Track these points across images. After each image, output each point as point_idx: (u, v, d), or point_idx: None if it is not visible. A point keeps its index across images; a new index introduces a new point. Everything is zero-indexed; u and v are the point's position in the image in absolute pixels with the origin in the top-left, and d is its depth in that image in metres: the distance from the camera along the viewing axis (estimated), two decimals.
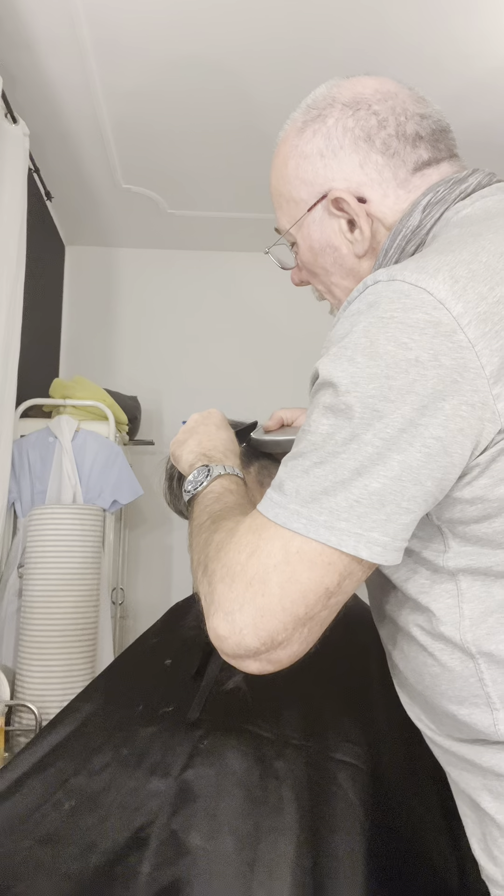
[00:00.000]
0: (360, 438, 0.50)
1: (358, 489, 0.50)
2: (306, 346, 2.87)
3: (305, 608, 0.51)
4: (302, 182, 0.70)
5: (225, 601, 0.53)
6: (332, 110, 0.68)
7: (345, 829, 0.75)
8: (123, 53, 1.87)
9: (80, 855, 0.74)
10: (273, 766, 0.80)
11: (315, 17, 1.73)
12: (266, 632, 0.51)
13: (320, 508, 0.50)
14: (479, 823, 0.59)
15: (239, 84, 1.98)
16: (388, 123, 0.66)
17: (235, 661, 0.54)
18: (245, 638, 0.52)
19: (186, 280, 3.05)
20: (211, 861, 0.71)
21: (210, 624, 0.54)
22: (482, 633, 0.55)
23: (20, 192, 1.87)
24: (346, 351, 0.51)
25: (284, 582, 0.51)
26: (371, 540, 0.50)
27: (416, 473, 0.49)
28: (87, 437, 2.19)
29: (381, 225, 0.67)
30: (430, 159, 0.67)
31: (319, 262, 0.73)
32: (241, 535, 0.55)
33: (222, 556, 0.56)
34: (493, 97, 2.03)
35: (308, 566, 0.51)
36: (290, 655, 0.54)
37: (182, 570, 2.83)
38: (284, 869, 0.70)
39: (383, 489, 0.49)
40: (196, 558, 0.62)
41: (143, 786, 0.80)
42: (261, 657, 0.53)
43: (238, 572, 0.53)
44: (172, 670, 0.99)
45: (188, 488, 0.74)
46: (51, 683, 1.77)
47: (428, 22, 1.75)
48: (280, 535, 0.52)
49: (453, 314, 0.48)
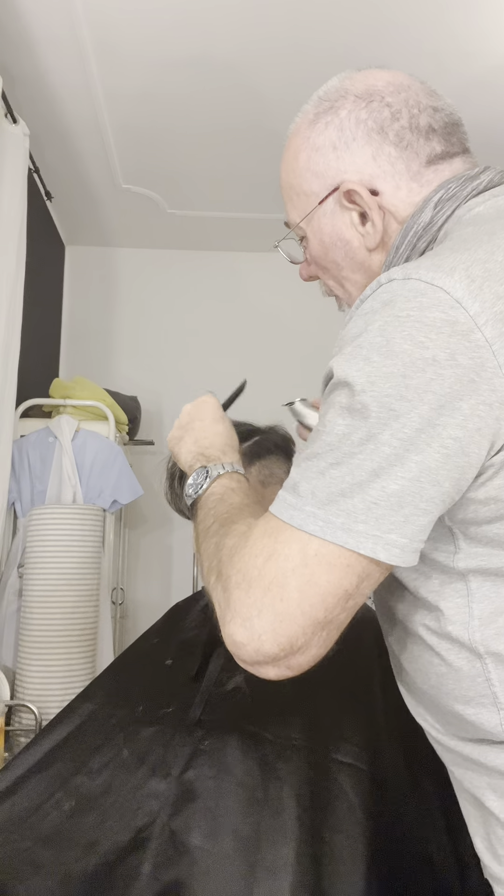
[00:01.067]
0: (376, 438, 0.49)
1: (376, 491, 0.49)
2: (307, 346, 2.87)
3: (325, 611, 0.51)
4: (313, 174, 0.69)
5: (242, 607, 0.52)
6: (345, 102, 0.67)
7: (345, 829, 0.75)
8: (123, 54, 1.87)
9: (81, 855, 0.74)
10: (274, 766, 0.80)
11: (314, 15, 1.73)
12: (285, 637, 0.51)
13: (337, 510, 0.50)
14: (482, 822, 0.59)
15: (239, 84, 1.98)
16: (402, 115, 0.65)
17: (253, 667, 0.53)
18: (264, 644, 0.51)
19: (186, 280, 3.05)
20: (211, 861, 0.71)
21: (226, 631, 0.53)
22: (491, 634, 0.55)
23: (20, 192, 1.87)
24: (362, 350, 0.51)
25: (303, 585, 0.50)
26: (389, 542, 0.50)
27: (434, 474, 0.49)
28: (87, 437, 2.19)
29: (393, 218, 0.66)
30: (443, 152, 0.66)
31: (330, 256, 0.72)
32: (255, 539, 0.54)
33: (237, 562, 0.54)
34: (493, 96, 2.03)
35: (326, 569, 0.50)
36: (309, 660, 0.53)
37: (182, 570, 2.83)
38: (285, 869, 0.70)
39: (401, 490, 0.49)
40: (207, 564, 0.61)
41: (143, 786, 0.80)
42: (280, 663, 0.52)
43: (255, 577, 0.52)
44: (173, 671, 0.99)
45: (189, 492, 0.73)
46: (51, 683, 1.77)
47: (428, 19, 1.75)
48: (297, 538, 0.51)
49: (470, 313, 0.48)
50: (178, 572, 2.83)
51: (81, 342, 2.97)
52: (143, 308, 3.02)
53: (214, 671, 0.94)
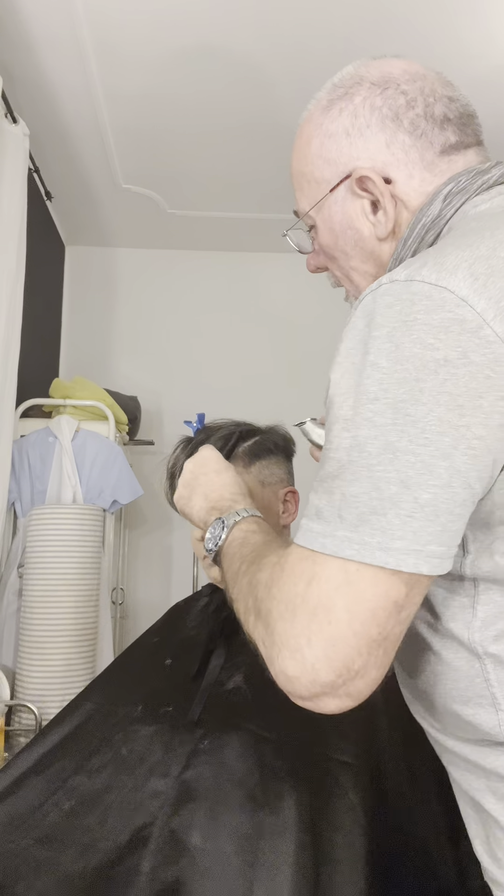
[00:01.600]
0: (394, 447, 0.47)
1: (408, 503, 0.47)
2: (308, 346, 2.87)
3: (378, 627, 0.48)
4: (325, 161, 0.68)
5: (290, 638, 0.49)
6: (360, 88, 0.66)
7: (345, 829, 0.75)
8: (123, 53, 1.87)
9: (80, 855, 0.74)
10: (273, 766, 0.80)
11: (317, 15, 1.73)
12: (341, 661, 0.48)
13: (371, 530, 0.47)
14: (482, 825, 0.59)
15: (239, 83, 1.98)
16: (417, 103, 0.65)
17: (312, 701, 0.50)
18: (319, 673, 0.48)
19: (186, 280, 3.05)
20: (211, 861, 0.71)
21: (276, 668, 0.50)
22: (491, 635, 0.54)
23: (20, 192, 1.87)
24: (370, 356, 0.49)
25: (351, 604, 0.48)
26: (430, 553, 0.48)
27: (465, 477, 0.47)
28: (87, 437, 2.19)
29: (405, 207, 0.65)
30: (457, 143, 0.66)
31: (339, 245, 0.71)
32: (292, 566, 0.51)
33: (275, 593, 0.52)
34: (495, 95, 2.03)
35: (372, 582, 0.48)
36: (370, 683, 0.50)
37: (182, 570, 2.83)
38: (284, 869, 0.70)
39: (435, 499, 0.47)
40: (242, 606, 0.58)
41: (143, 785, 0.80)
42: (339, 691, 0.49)
43: (299, 604, 0.49)
44: (173, 670, 0.99)
45: (209, 546, 0.70)
46: (51, 683, 1.76)
47: (433, 17, 1.75)
48: (334, 559, 0.49)
49: (477, 310, 0.47)
50: (178, 572, 2.83)
51: (81, 342, 2.97)
52: (143, 308, 3.02)
53: (214, 670, 0.94)
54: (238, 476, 0.81)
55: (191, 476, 0.82)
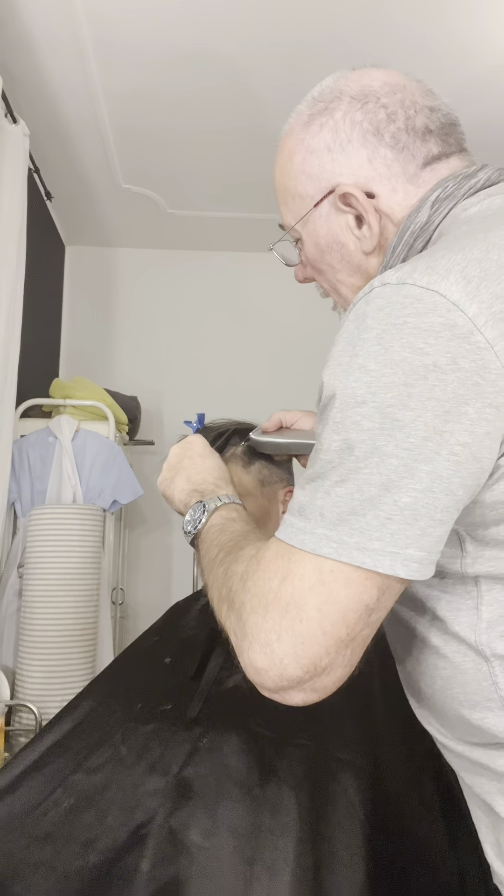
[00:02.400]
0: (381, 450, 0.47)
1: (388, 505, 0.47)
2: (307, 346, 2.87)
3: (347, 629, 0.49)
4: (308, 177, 0.68)
5: (260, 632, 0.50)
6: (340, 103, 0.66)
7: (345, 828, 0.75)
8: (123, 53, 1.87)
9: (79, 853, 0.74)
10: (273, 764, 0.80)
11: (317, 15, 1.73)
12: (308, 659, 0.49)
13: (350, 530, 0.48)
14: (492, 828, 0.58)
15: (239, 83, 1.98)
16: (398, 117, 0.64)
17: (278, 694, 0.51)
18: (287, 668, 0.49)
19: (186, 280, 3.05)
20: (210, 859, 0.71)
21: (245, 659, 0.51)
22: (497, 636, 0.54)
23: (20, 192, 1.87)
24: (358, 359, 0.49)
25: (322, 604, 0.48)
26: (408, 557, 0.48)
27: (446, 483, 0.47)
28: (87, 437, 2.19)
29: (390, 221, 0.65)
30: (439, 153, 0.65)
31: (325, 259, 0.71)
32: (268, 561, 0.52)
33: (250, 586, 0.52)
34: (495, 95, 2.03)
35: (345, 584, 0.48)
36: (335, 681, 0.51)
37: (182, 570, 2.83)
38: (284, 868, 0.70)
39: (415, 503, 0.47)
40: (216, 594, 0.59)
41: (142, 784, 0.80)
42: (304, 686, 0.50)
43: (272, 600, 0.50)
44: (172, 669, 0.99)
45: (187, 528, 0.71)
46: (51, 683, 1.77)
47: (430, 19, 1.75)
48: (311, 558, 0.49)
49: (468, 315, 0.47)
50: (178, 572, 2.83)
51: (81, 342, 2.97)
52: (143, 308, 3.02)
53: (214, 669, 0.94)
54: (223, 463, 0.81)
55: (175, 459, 0.82)
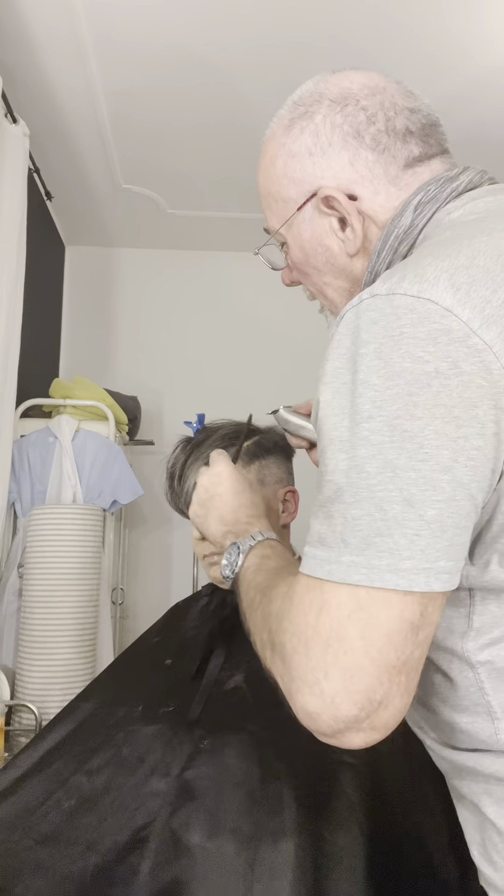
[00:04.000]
0: (393, 464, 0.46)
1: (414, 521, 0.46)
2: (307, 345, 2.87)
3: (395, 652, 0.46)
4: (291, 181, 0.68)
5: (306, 672, 0.47)
6: (320, 107, 0.66)
7: (345, 829, 0.75)
8: (123, 53, 1.87)
9: (80, 854, 0.74)
10: (273, 766, 0.80)
11: (316, 13, 1.73)
12: (361, 693, 0.46)
13: (378, 552, 0.46)
14: (478, 829, 0.59)
15: (240, 83, 1.98)
16: (378, 119, 0.64)
17: (336, 738, 0.48)
18: (340, 708, 0.46)
19: (186, 280, 3.05)
20: (211, 861, 0.71)
21: (297, 704, 0.48)
22: (483, 643, 0.54)
23: (20, 192, 1.87)
24: (360, 375, 0.48)
25: (364, 630, 0.46)
26: (440, 570, 0.46)
27: (468, 489, 0.46)
28: (87, 437, 2.19)
29: (373, 223, 0.65)
30: (420, 155, 0.65)
31: (311, 262, 0.71)
32: (301, 596, 0.50)
33: (287, 626, 0.50)
34: (494, 95, 2.03)
35: (384, 605, 0.46)
36: (395, 713, 0.47)
37: (182, 570, 2.83)
38: (285, 869, 0.69)
39: (440, 514, 0.46)
40: (259, 639, 0.57)
41: (143, 785, 0.80)
42: (363, 725, 0.47)
43: (311, 636, 0.47)
44: (173, 670, 0.99)
45: (226, 573, 0.69)
46: (51, 683, 1.77)
47: (429, 19, 1.75)
48: (343, 587, 0.47)
49: (463, 319, 0.46)
50: (178, 572, 2.83)
51: (81, 342, 2.97)
52: (143, 308, 3.02)
53: (214, 670, 0.94)
54: (254, 494, 0.80)
55: (206, 495, 0.80)
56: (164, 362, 2.98)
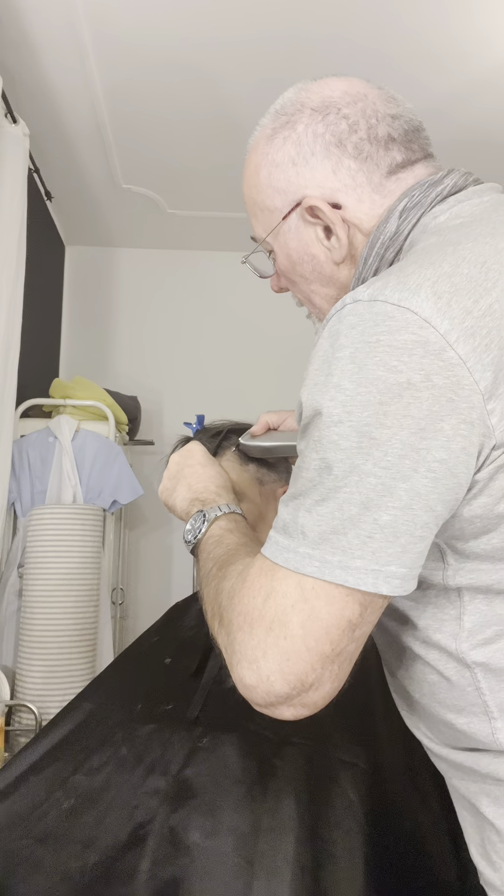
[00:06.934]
0: (359, 469, 0.48)
1: (368, 524, 0.48)
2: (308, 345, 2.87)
3: (331, 645, 0.49)
4: (275, 190, 0.68)
5: (247, 649, 0.51)
6: (302, 116, 0.66)
7: (344, 827, 0.75)
8: (124, 53, 1.87)
9: (80, 853, 0.74)
10: (273, 764, 0.80)
11: (316, 13, 1.73)
12: (294, 675, 0.50)
13: (332, 548, 0.49)
14: (477, 829, 0.59)
15: (240, 83, 1.98)
16: (359, 127, 0.64)
17: (268, 709, 0.52)
18: (274, 685, 0.50)
19: (187, 280, 3.05)
20: (210, 859, 0.71)
21: (235, 675, 0.52)
22: (477, 643, 0.55)
23: (20, 192, 1.87)
24: (333, 378, 0.49)
25: (305, 621, 0.49)
26: (389, 574, 0.48)
27: (425, 500, 0.48)
28: (87, 437, 2.20)
29: (358, 231, 0.65)
30: (403, 161, 0.65)
31: (297, 270, 0.71)
32: (253, 579, 0.53)
33: (236, 604, 0.54)
34: (493, 95, 2.03)
35: (327, 601, 0.49)
36: (324, 695, 0.52)
37: (182, 570, 2.83)
38: (283, 867, 0.70)
39: (395, 521, 0.48)
40: (210, 609, 0.60)
41: (142, 784, 0.80)
42: (293, 702, 0.51)
43: (256, 617, 0.51)
44: (172, 669, 0.99)
45: (188, 538, 0.72)
46: (51, 683, 1.77)
47: (429, 20, 1.75)
48: (293, 575, 0.50)
49: (440, 332, 0.47)
50: (178, 572, 2.83)
51: (81, 342, 2.97)
52: (143, 308, 3.02)
53: (213, 669, 0.94)
54: (223, 471, 0.82)
55: (176, 468, 0.83)
56: (164, 362, 2.98)
